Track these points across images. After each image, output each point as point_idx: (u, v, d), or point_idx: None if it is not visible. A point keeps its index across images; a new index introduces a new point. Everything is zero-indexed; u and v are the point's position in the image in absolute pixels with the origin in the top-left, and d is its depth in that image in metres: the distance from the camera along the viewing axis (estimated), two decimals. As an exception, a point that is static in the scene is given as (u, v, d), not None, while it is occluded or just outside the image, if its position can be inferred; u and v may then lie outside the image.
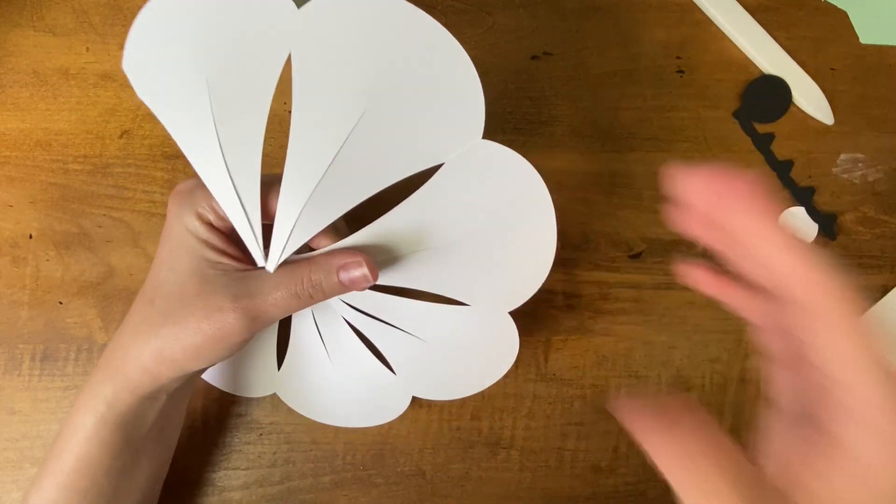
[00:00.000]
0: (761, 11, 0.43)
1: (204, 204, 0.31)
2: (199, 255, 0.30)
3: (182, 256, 0.30)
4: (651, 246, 0.41)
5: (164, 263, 0.31)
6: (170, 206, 0.31)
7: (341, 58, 0.28)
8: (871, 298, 0.41)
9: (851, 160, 0.42)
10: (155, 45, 0.29)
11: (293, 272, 0.30)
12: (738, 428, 0.40)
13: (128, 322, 0.31)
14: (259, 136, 0.30)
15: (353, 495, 0.39)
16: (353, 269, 0.30)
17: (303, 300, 0.30)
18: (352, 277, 0.30)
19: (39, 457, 0.38)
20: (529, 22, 0.43)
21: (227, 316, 0.29)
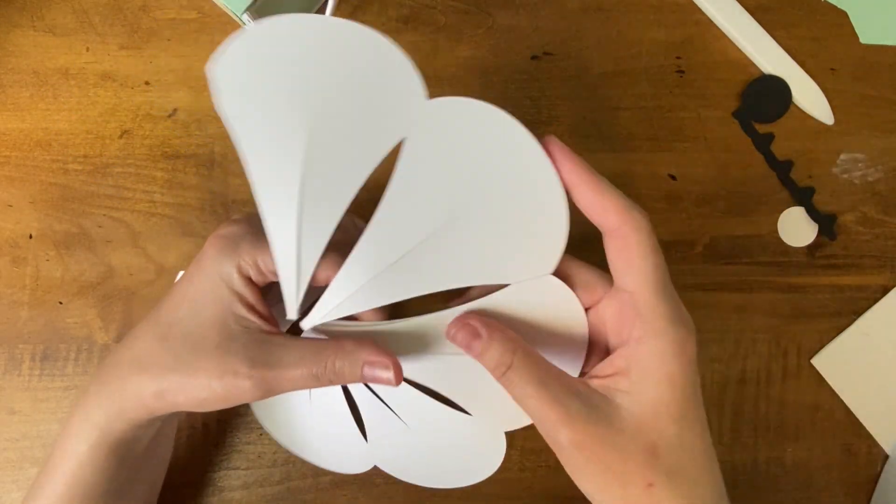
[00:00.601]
0: (761, 11, 0.43)
1: (247, 257, 0.29)
2: (226, 307, 0.29)
3: (209, 302, 0.29)
4: (651, 246, 0.41)
5: (188, 302, 0.29)
6: (209, 247, 0.30)
7: (449, 160, 0.28)
8: (871, 298, 0.41)
9: (851, 160, 0.42)
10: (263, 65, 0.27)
11: (318, 352, 0.29)
12: (738, 427, 0.40)
13: (132, 349, 0.30)
14: (343, 204, 0.28)
15: (353, 495, 0.39)
16: (379, 369, 0.29)
17: (321, 382, 0.29)
18: (376, 377, 0.29)
19: (39, 457, 0.38)
20: (529, 22, 0.43)
21: (241, 381, 0.28)
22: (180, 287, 0.30)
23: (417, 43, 0.42)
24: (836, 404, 0.41)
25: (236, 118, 0.28)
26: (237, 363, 0.28)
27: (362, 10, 0.42)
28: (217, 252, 0.30)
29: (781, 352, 0.41)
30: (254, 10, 0.37)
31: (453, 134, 0.27)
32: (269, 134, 0.28)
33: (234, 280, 0.29)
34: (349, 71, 0.27)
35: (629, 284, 0.26)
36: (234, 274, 0.29)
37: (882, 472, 0.40)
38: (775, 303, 0.41)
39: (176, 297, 0.30)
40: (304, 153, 0.27)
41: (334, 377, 0.29)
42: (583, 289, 0.29)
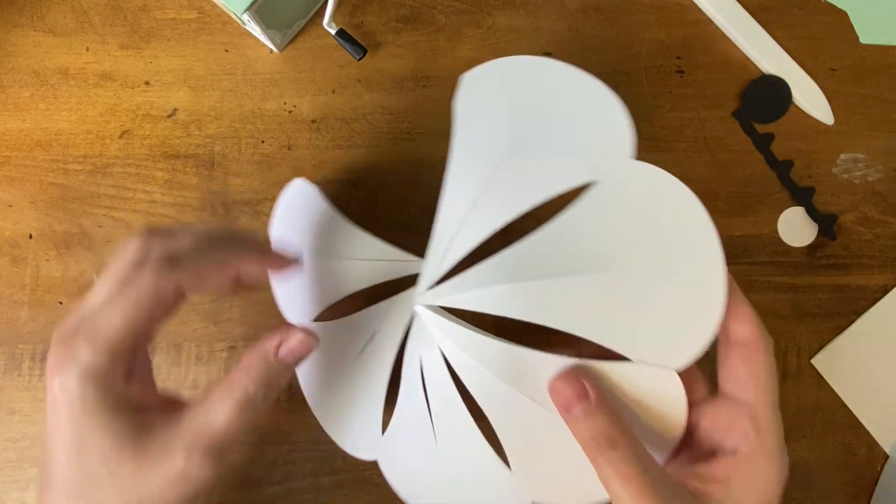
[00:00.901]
0: (761, 11, 0.43)
1: (92, 338, 0.24)
2: (117, 430, 0.24)
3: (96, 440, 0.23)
4: (651, 246, 0.41)
5: (56, 445, 0.24)
6: (48, 368, 0.24)
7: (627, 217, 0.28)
8: (871, 298, 0.41)
9: (851, 160, 0.42)
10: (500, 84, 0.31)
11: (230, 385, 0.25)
12: (738, 428, 0.40)
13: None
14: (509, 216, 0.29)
15: (353, 495, 0.39)
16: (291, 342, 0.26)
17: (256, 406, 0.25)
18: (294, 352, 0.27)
19: (39, 457, 0.38)
20: (529, 22, 0.43)
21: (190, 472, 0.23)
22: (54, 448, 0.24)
23: (417, 43, 0.42)
24: (836, 404, 0.41)
25: (461, 117, 0.31)
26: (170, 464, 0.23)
27: (362, 10, 0.42)
28: (56, 362, 0.24)
29: (781, 352, 0.41)
30: (254, 10, 0.37)
31: (641, 196, 0.28)
32: (478, 137, 0.30)
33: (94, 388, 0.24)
34: (569, 108, 0.29)
35: (751, 397, 0.26)
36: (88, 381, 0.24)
37: (882, 472, 0.40)
38: (775, 303, 0.41)
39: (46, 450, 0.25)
40: (497, 163, 0.29)
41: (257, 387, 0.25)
42: (686, 381, 0.27)
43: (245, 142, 0.41)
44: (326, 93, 0.42)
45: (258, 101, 0.42)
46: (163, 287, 0.24)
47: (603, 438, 0.24)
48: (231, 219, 0.41)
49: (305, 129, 0.41)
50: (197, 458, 0.23)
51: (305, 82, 0.42)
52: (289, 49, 0.42)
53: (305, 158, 0.41)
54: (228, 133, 0.41)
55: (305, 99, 0.42)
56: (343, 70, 0.42)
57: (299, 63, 0.42)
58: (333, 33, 0.40)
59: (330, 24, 0.40)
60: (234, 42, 0.42)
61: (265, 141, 0.41)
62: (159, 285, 0.24)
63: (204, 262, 0.25)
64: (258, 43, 0.42)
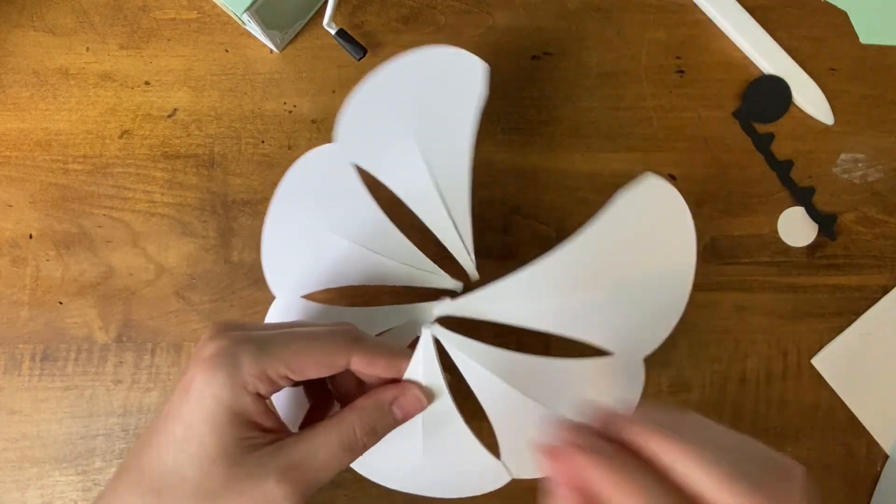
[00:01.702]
0: (761, 11, 0.43)
1: (253, 372, 0.25)
2: (229, 435, 0.25)
3: (205, 437, 0.25)
4: (651, 246, 0.41)
5: (175, 444, 0.25)
6: (197, 372, 0.25)
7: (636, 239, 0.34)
8: (871, 298, 0.41)
9: (851, 160, 0.42)
10: (366, 115, 0.36)
11: (339, 424, 0.26)
12: (738, 427, 0.40)
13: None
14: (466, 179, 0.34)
15: (353, 495, 0.39)
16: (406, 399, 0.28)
17: (356, 451, 0.27)
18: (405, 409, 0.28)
19: (39, 457, 0.38)
20: (529, 22, 0.43)
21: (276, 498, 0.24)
22: (161, 426, 0.26)
23: (417, 43, 0.42)
24: (836, 404, 0.41)
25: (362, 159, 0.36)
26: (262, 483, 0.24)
27: (362, 10, 0.42)
28: (209, 376, 0.25)
29: (781, 352, 0.41)
30: (254, 10, 0.37)
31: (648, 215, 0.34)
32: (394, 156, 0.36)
33: (239, 401, 0.25)
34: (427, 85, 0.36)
35: None
36: (240, 393, 0.25)
37: (882, 472, 0.40)
38: (775, 303, 0.41)
39: (159, 439, 0.25)
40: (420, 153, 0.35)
41: (367, 438, 0.27)
42: None
43: (245, 142, 0.41)
44: (326, 93, 0.42)
45: (258, 101, 0.42)
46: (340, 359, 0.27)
47: None
48: (231, 219, 0.41)
49: (305, 129, 0.41)
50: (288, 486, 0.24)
51: (305, 82, 0.42)
52: (289, 49, 0.42)
53: (305, 158, 0.41)
54: (228, 133, 0.41)
55: (305, 99, 0.42)
56: (343, 70, 0.42)
57: (299, 63, 0.42)
58: (333, 33, 0.40)
59: (330, 24, 0.40)
60: (234, 42, 0.42)
61: (265, 141, 0.41)
62: (338, 357, 0.27)
63: (377, 348, 0.28)
64: (258, 43, 0.42)
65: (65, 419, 0.39)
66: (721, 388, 0.41)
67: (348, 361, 0.27)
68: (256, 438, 0.25)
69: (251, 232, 0.41)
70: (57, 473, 0.38)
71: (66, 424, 0.39)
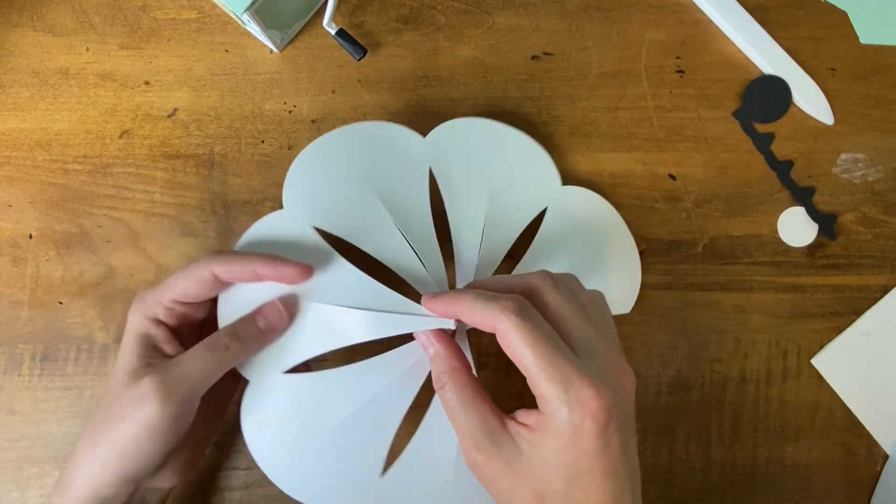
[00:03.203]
0: (761, 11, 0.43)
1: (150, 299, 0.32)
2: (135, 354, 0.31)
3: (123, 357, 0.31)
4: (651, 246, 0.41)
5: (111, 375, 0.32)
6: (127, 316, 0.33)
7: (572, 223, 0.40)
8: (871, 298, 0.41)
9: (851, 160, 0.42)
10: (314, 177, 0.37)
11: (213, 335, 0.32)
12: (738, 428, 0.40)
13: (79, 440, 0.31)
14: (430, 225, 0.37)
15: (353, 495, 0.39)
16: (267, 309, 0.32)
17: (218, 352, 0.31)
18: (267, 318, 0.32)
19: (39, 457, 0.38)
20: (529, 22, 0.43)
21: (146, 397, 0.29)
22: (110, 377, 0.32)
23: (417, 43, 0.42)
24: (836, 404, 0.41)
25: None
26: (141, 386, 0.30)
27: (362, 10, 0.42)
28: (130, 316, 0.33)
29: (781, 352, 0.41)
30: (254, 10, 0.37)
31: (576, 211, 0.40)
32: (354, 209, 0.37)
33: (143, 326, 0.32)
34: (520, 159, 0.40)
35: (525, 373, 0.27)
36: (143, 321, 0.32)
37: (882, 472, 0.40)
38: (775, 303, 0.41)
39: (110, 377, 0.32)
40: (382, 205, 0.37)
41: (229, 342, 0.31)
42: None
43: (245, 142, 0.41)
44: (326, 93, 0.42)
45: (258, 101, 0.42)
46: (204, 272, 0.32)
47: (438, 380, 0.30)
48: (231, 219, 0.41)
49: (305, 129, 0.41)
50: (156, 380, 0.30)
51: (305, 82, 0.42)
52: (289, 49, 0.42)
53: (305, 158, 0.41)
54: (228, 133, 0.41)
55: (305, 99, 0.42)
56: (343, 70, 0.42)
57: (299, 63, 0.42)
58: (333, 33, 0.40)
59: (330, 24, 0.40)
60: (234, 42, 0.42)
61: (265, 141, 0.41)
62: (202, 271, 0.32)
63: (230, 255, 0.33)
64: (258, 43, 0.42)
65: (65, 419, 0.39)
66: (721, 388, 0.41)
67: (211, 272, 0.32)
68: (155, 358, 0.31)
69: (251, 232, 0.41)
70: (57, 473, 0.38)
71: (66, 424, 0.39)
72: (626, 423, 0.27)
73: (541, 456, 0.27)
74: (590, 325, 0.29)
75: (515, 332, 0.26)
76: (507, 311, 0.27)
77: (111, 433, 0.29)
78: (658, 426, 0.40)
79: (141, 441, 0.29)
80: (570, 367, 0.26)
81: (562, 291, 0.29)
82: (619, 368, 0.28)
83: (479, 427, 0.28)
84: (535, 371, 0.26)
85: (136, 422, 0.29)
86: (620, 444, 0.26)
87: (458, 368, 0.30)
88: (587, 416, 0.26)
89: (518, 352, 0.27)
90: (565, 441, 0.26)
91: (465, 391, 0.29)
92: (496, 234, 0.38)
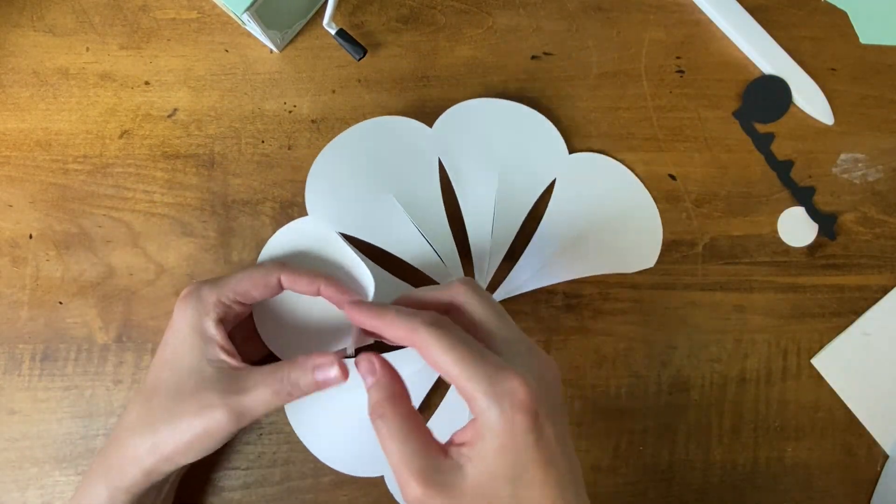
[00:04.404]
0: (761, 11, 0.43)
1: (211, 299, 0.33)
2: (200, 354, 0.32)
3: (184, 356, 0.32)
4: (651, 246, 0.41)
5: (167, 364, 0.33)
6: (176, 309, 0.34)
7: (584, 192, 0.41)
8: (871, 298, 0.41)
9: (851, 160, 0.42)
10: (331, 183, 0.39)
11: (275, 372, 0.32)
12: (738, 428, 0.40)
13: (124, 421, 0.33)
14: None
15: (353, 495, 0.39)
16: (326, 368, 0.32)
17: (281, 397, 0.32)
18: (325, 377, 0.32)
19: (39, 457, 0.38)
20: (529, 22, 0.43)
21: (216, 413, 0.31)
22: (159, 354, 0.34)
23: (417, 43, 0.42)
24: (836, 404, 0.41)
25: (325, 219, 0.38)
26: (211, 397, 0.31)
27: (362, 10, 0.42)
28: (183, 308, 0.33)
29: (781, 352, 0.41)
30: (254, 10, 0.37)
31: (586, 176, 0.41)
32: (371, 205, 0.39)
33: (204, 325, 0.33)
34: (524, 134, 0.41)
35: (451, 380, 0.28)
36: (203, 319, 0.33)
37: (882, 472, 0.40)
38: (775, 303, 0.41)
39: (157, 363, 0.34)
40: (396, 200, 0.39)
41: (292, 388, 0.31)
42: None
43: (245, 142, 0.41)
44: (326, 93, 0.42)
45: (258, 101, 0.42)
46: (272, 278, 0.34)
47: (374, 412, 0.29)
48: (231, 219, 0.41)
49: (305, 129, 0.41)
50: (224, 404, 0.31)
51: (305, 82, 0.42)
52: (289, 49, 0.42)
53: (305, 158, 0.41)
54: (228, 133, 0.41)
55: (305, 99, 0.42)
56: (343, 70, 0.42)
57: (299, 63, 0.42)
58: (333, 33, 0.40)
59: (330, 24, 0.40)
60: (234, 42, 0.42)
61: (265, 141, 0.41)
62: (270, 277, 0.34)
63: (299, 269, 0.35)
64: (258, 43, 0.42)
65: (65, 419, 0.39)
66: (721, 388, 0.41)
67: (278, 280, 0.34)
68: (221, 363, 0.32)
69: (251, 232, 0.41)
70: (57, 473, 0.38)
71: (66, 424, 0.39)
72: (557, 413, 0.27)
73: (483, 467, 0.27)
74: (509, 324, 0.30)
75: (435, 342, 0.27)
76: (424, 324, 0.28)
77: (174, 433, 0.31)
78: (658, 426, 0.40)
79: (203, 443, 0.32)
80: (493, 364, 0.27)
81: (480, 296, 0.30)
82: (541, 361, 0.29)
83: (420, 455, 0.27)
84: (459, 374, 0.26)
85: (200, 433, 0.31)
86: (555, 434, 0.27)
87: (399, 398, 0.29)
88: (516, 407, 0.26)
89: (440, 361, 0.27)
90: (502, 440, 0.26)
91: (407, 421, 0.28)
92: (507, 214, 0.40)
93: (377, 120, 0.40)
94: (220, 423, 0.31)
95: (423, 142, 0.40)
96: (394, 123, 0.40)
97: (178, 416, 0.31)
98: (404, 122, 0.40)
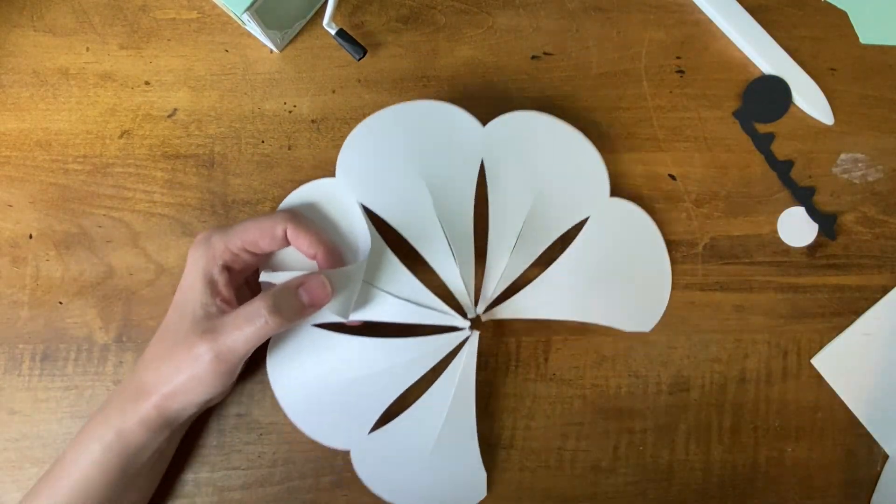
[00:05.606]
0: (761, 11, 0.43)
1: (219, 246, 0.34)
2: (198, 299, 0.34)
3: (188, 300, 0.34)
4: (651, 246, 0.41)
5: (176, 306, 0.35)
6: (189, 254, 0.35)
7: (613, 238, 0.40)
8: (871, 298, 0.41)
9: (851, 160, 0.42)
10: (367, 151, 0.38)
11: (251, 303, 0.33)
12: (738, 428, 0.40)
13: (143, 357, 0.35)
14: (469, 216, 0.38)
15: (353, 495, 0.39)
16: (311, 283, 0.33)
17: (258, 326, 0.32)
18: (311, 293, 0.33)
19: (39, 457, 0.38)
20: (529, 22, 0.43)
21: (199, 354, 0.32)
22: (174, 298, 0.35)
23: (417, 43, 0.42)
24: (836, 404, 0.41)
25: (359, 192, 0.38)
26: (193, 339, 0.32)
27: (362, 10, 0.43)
28: (194, 254, 0.35)
29: (781, 352, 0.41)
30: (254, 10, 0.37)
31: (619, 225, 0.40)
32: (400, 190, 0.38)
33: (210, 271, 0.34)
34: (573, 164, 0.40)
35: None
36: (210, 265, 0.34)
37: (882, 472, 0.40)
38: (775, 303, 0.41)
39: (172, 305, 0.35)
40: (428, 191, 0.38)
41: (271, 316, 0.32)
42: None
43: (245, 142, 0.41)
44: (326, 93, 0.42)
45: (258, 101, 0.42)
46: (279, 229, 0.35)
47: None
48: (231, 219, 0.41)
49: (305, 129, 0.41)
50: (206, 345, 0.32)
51: (305, 82, 0.42)
52: (289, 49, 0.42)
53: (305, 158, 0.41)
54: (228, 133, 0.41)
55: (305, 99, 0.42)
56: (343, 70, 0.42)
57: (299, 63, 0.42)
58: (333, 33, 0.40)
59: (330, 24, 0.40)
60: (234, 42, 0.42)
61: (265, 141, 0.41)
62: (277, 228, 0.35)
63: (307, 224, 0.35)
64: (258, 43, 0.42)
65: (65, 419, 0.39)
66: (721, 388, 0.41)
67: (284, 231, 0.35)
68: (209, 306, 0.33)
69: (251, 232, 0.41)
70: (57, 473, 0.38)
71: (66, 424, 0.39)
72: None
73: None
74: None
75: None
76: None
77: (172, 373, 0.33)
78: (658, 426, 0.40)
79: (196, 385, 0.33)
80: None
81: None
82: None
83: None
84: None
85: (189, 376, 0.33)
86: None
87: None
88: None
89: None
90: None
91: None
92: (532, 237, 0.39)
93: (432, 103, 0.39)
94: (203, 364, 0.32)
95: (472, 138, 0.39)
96: (449, 112, 0.39)
97: (174, 357, 0.33)
98: (459, 114, 0.39)
